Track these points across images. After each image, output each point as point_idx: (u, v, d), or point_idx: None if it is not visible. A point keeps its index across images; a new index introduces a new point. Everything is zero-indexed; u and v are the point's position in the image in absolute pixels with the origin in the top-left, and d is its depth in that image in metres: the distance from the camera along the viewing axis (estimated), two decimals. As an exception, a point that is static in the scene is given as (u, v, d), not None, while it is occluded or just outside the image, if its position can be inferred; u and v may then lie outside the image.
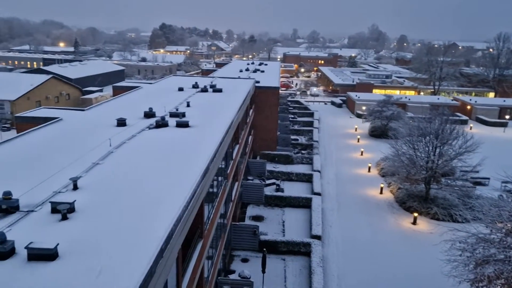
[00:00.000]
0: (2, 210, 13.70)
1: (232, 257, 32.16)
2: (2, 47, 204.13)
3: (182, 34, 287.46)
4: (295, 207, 41.38)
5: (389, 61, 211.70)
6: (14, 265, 10.79)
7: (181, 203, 15.02)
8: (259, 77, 60.39)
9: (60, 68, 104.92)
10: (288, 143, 60.56)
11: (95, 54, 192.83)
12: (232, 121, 29.17)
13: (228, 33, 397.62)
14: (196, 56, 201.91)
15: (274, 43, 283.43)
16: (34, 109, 33.75)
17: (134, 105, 32.98)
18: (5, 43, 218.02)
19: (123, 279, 10.40)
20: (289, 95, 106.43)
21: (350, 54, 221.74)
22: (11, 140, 22.89)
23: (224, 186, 26.80)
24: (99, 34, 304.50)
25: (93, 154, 20.06)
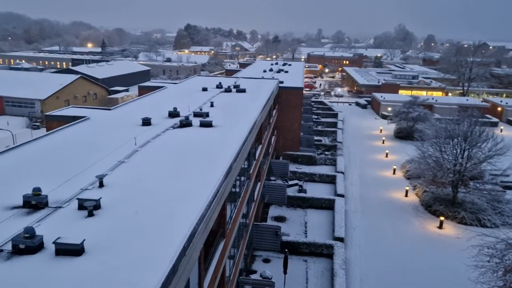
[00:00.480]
0: (32, 206, 14.14)
1: (253, 257, 32.19)
2: (33, 48, 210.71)
3: (206, 35, 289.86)
4: (317, 209, 41.08)
5: (415, 62, 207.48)
6: (42, 260, 11.10)
7: (204, 202, 15.12)
8: (282, 78, 60.25)
9: (88, 68, 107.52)
10: (311, 144, 60.16)
11: (121, 55, 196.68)
12: (255, 121, 29.19)
13: (252, 34, 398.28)
14: (220, 56, 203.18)
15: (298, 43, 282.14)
16: (62, 108, 34.66)
17: (159, 105, 33.44)
18: (36, 44, 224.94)
19: (146, 275, 10.54)
20: (313, 96, 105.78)
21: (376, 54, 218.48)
22: (41, 138, 23.59)
23: (247, 186, 26.84)
24: (126, 35, 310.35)
25: (118, 152, 20.45)
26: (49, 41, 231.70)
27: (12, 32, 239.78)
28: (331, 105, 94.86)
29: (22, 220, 13.23)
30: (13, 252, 11.31)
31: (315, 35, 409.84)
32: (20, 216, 13.55)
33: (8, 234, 12.03)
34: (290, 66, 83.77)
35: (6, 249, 11.41)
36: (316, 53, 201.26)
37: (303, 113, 62.98)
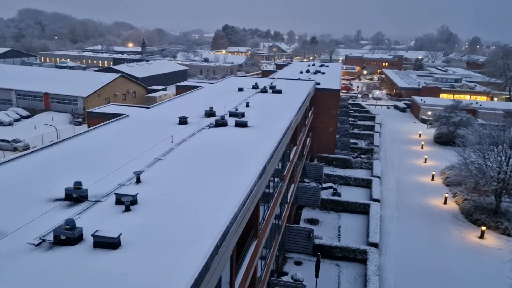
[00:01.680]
0: (73, 199, 14.67)
1: (285, 259, 32.02)
2: (78, 47, 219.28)
3: (244, 35, 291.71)
4: (352, 213, 40.38)
5: (459, 65, 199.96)
6: (81, 251, 11.48)
7: (237, 201, 15.17)
8: (319, 79, 59.68)
9: (128, 68, 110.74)
10: (347, 147, 59.24)
11: (160, 54, 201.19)
12: (291, 123, 29.03)
13: (290, 35, 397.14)
14: (256, 57, 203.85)
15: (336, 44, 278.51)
16: (103, 106, 35.81)
17: (196, 104, 33.91)
18: (80, 43, 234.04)
19: (180, 271, 10.68)
20: (350, 98, 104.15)
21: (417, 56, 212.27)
22: (83, 134, 24.47)
23: (280, 188, 26.74)
24: (165, 35, 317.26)
25: (155, 150, 20.88)
26: (93, 41, 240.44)
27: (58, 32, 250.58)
28: (368, 107, 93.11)
29: (64, 212, 13.75)
30: (54, 243, 11.77)
31: (354, 37, 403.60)
32: (62, 208, 14.09)
33: (50, 225, 12.52)
34: (327, 67, 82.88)
35: (48, 239, 11.88)
36: (354, 55, 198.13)
37: (339, 116, 62.14)
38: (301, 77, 60.93)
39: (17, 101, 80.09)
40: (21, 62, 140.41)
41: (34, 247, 11.57)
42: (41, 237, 11.96)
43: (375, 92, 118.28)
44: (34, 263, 10.83)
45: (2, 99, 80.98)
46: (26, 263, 10.82)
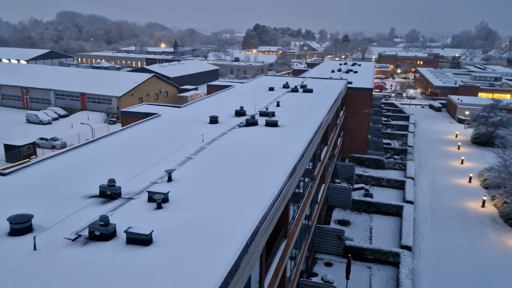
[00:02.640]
0: (107, 196, 15.05)
1: (315, 260, 31.73)
2: (112, 48, 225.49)
3: (275, 35, 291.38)
4: (384, 214, 39.54)
5: (499, 62, 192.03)
6: (114, 247, 11.75)
7: (267, 201, 15.13)
8: (351, 78, 58.78)
9: (160, 68, 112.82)
10: (380, 147, 58.04)
11: (192, 54, 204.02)
12: (322, 122, 28.72)
13: (321, 33, 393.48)
14: (287, 56, 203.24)
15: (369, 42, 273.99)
16: (136, 105, 36.60)
17: (226, 104, 34.11)
18: (115, 44, 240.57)
19: (209, 269, 10.76)
20: (383, 97, 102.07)
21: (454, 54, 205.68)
22: (116, 133, 25.10)
23: (311, 188, 26.50)
24: (197, 35, 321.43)
25: (186, 148, 21.14)
26: (127, 42, 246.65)
27: (94, 33, 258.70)
28: (402, 107, 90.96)
29: (98, 208, 14.13)
30: (89, 238, 12.11)
31: (387, 34, 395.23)
32: (96, 204, 14.48)
33: (86, 221, 12.89)
34: (359, 66, 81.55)
35: (84, 235, 12.23)
36: (387, 53, 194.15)
37: (371, 115, 61.00)
38: (332, 76, 60.22)
39: (56, 100, 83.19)
40: (59, 63, 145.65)
41: (70, 242, 11.95)
42: (77, 233, 12.33)
43: (409, 91, 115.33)
44: (70, 257, 11.17)
45: (41, 99, 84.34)
46: (63, 257, 11.17)
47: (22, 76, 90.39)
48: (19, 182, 16.69)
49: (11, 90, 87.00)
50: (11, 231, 12.34)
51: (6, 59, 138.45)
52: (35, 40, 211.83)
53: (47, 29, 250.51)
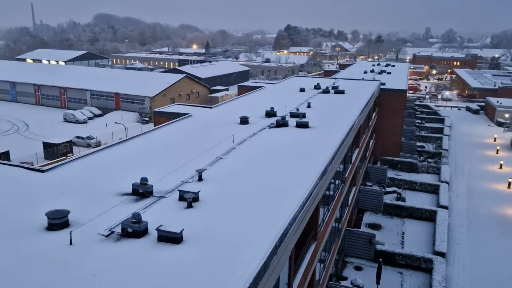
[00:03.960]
0: (139, 194, 15.36)
1: (344, 263, 31.27)
2: (146, 49, 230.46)
3: (306, 35, 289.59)
4: (417, 219, 38.49)
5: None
6: (146, 244, 11.97)
7: (297, 202, 15.03)
8: (384, 79, 57.65)
9: (192, 68, 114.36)
10: (413, 150, 56.59)
11: (223, 55, 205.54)
12: (353, 124, 28.28)
13: (354, 34, 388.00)
14: (319, 57, 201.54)
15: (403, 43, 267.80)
16: (168, 105, 37.22)
17: (257, 104, 34.16)
18: (148, 46, 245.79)
19: (239, 269, 10.79)
20: (417, 99, 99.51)
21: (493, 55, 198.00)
22: (149, 132, 25.62)
23: (341, 190, 26.14)
24: (228, 36, 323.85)
25: (217, 149, 21.30)
26: (160, 43, 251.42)
27: (129, 35, 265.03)
28: (437, 109, 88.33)
29: (131, 206, 14.44)
30: (122, 235, 12.39)
31: (422, 35, 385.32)
32: (129, 202, 14.80)
33: (119, 218, 13.20)
34: (393, 67, 79.87)
35: (117, 231, 12.52)
36: (422, 54, 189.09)
37: (405, 117, 59.64)
38: (365, 77, 59.25)
39: (91, 100, 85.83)
40: (95, 64, 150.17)
41: (104, 237, 12.26)
42: (110, 229, 12.64)
43: (444, 92, 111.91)
44: (104, 253, 11.47)
45: (78, 99, 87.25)
46: (97, 252, 11.48)
47: (60, 76, 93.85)
48: (57, 178, 17.29)
49: (50, 90, 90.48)
50: (48, 226, 12.79)
51: (46, 60, 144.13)
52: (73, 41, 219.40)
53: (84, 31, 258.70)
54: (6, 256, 11.23)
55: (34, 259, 11.08)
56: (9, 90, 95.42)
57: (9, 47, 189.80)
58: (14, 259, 11.05)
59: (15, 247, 11.72)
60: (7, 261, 10.98)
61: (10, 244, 11.90)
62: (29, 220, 13.31)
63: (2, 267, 10.70)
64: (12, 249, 11.58)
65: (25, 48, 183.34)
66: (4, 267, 10.70)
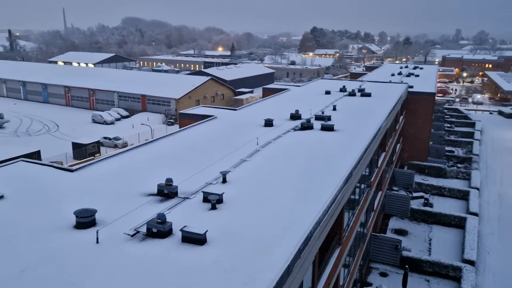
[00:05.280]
0: (164, 195, 15.50)
1: (369, 269, 30.71)
2: (172, 52, 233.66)
3: (332, 37, 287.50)
4: (445, 226, 37.47)
5: None
6: (170, 244, 12.06)
7: (321, 206, 14.84)
8: (412, 82, 56.46)
9: (217, 71, 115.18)
10: (442, 155, 55.17)
11: (248, 58, 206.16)
12: (380, 127, 27.78)
13: (381, 35, 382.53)
14: (345, 59, 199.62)
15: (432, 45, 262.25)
16: (194, 107, 37.51)
17: (281, 107, 34.03)
18: (174, 48, 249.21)
19: (262, 272, 10.71)
20: (446, 102, 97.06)
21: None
22: (174, 134, 25.88)
23: (367, 194, 25.70)
24: (253, 38, 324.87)
25: (241, 151, 21.30)
26: (186, 46, 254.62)
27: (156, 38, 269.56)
28: (467, 113, 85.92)
29: (155, 206, 14.58)
30: (147, 235, 12.51)
31: (452, 36, 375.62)
32: (154, 203, 14.95)
33: (144, 218, 13.34)
34: (421, 69, 78.18)
35: (142, 231, 12.66)
36: (452, 56, 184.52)
37: (433, 121, 58.25)
38: (392, 79, 58.22)
39: (119, 102, 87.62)
40: (123, 66, 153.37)
41: (129, 237, 12.42)
42: (135, 229, 12.80)
43: (475, 96, 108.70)
44: (129, 252, 11.61)
45: (106, 100, 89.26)
46: (123, 251, 11.64)
47: (89, 78, 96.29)
48: (85, 178, 17.67)
49: (79, 91, 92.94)
50: (76, 224, 13.06)
51: (76, 63, 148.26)
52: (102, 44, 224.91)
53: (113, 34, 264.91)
54: (36, 252, 11.53)
55: (62, 256, 11.32)
56: (41, 91, 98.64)
57: (41, 50, 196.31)
58: (43, 256, 11.33)
59: (44, 244, 12.02)
60: (36, 257, 11.27)
61: (40, 241, 12.21)
62: (58, 218, 13.63)
63: (32, 263, 10.98)
64: (41, 246, 11.88)
65: (57, 51, 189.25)
66: (33, 263, 10.98)
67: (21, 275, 10.48)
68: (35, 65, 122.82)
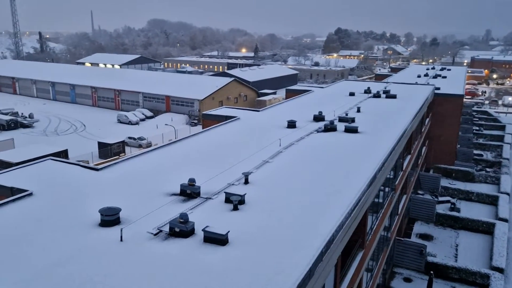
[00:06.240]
0: (187, 195, 15.61)
1: (393, 274, 30.13)
2: (196, 53, 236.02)
3: (357, 38, 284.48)
4: (472, 231, 36.41)
5: None
6: (192, 244, 12.12)
7: (344, 209, 14.64)
8: (439, 83, 55.19)
9: (240, 72, 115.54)
10: (470, 158, 53.69)
11: (272, 59, 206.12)
12: (405, 130, 27.25)
13: (407, 36, 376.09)
14: (370, 60, 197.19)
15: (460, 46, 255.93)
16: (217, 108, 37.70)
17: (305, 108, 33.84)
18: (198, 50, 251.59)
19: (283, 274, 10.65)
20: (475, 105, 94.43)
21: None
22: (198, 134, 26.08)
23: (391, 198, 25.23)
24: (277, 40, 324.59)
25: (263, 152, 21.27)
26: (210, 47, 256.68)
27: (180, 39, 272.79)
28: (497, 115, 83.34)
29: (178, 206, 14.70)
30: (169, 234, 12.63)
31: (482, 37, 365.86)
32: (177, 202, 15.08)
33: (167, 217, 13.47)
34: (449, 71, 76.38)
35: (165, 230, 12.78)
36: (482, 57, 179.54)
37: (461, 124, 56.75)
38: (418, 81, 57.08)
39: (143, 102, 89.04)
40: (148, 67, 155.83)
41: (152, 236, 12.56)
42: (158, 228, 12.93)
43: (506, 98, 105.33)
44: (152, 250, 11.73)
45: (131, 101, 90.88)
46: (145, 250, 11.77)
47: (115, 79, 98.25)
48: (110, 177, 17.99)
49: (105, 92, 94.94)
50: (101, 222, 13.30)
51: (103, 64, 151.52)
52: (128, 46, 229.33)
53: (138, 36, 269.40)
54: (62, 249, 11.79)
55: (86, 253, 11.55)
56: (69, 92, 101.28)
57: (70, 52, 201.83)
58: (69, 252, 11.58)
59: (70, 240, 12.28)
60: (62, 253, 11.53)
61: (66, 237, 12.49)
62: (84, 216, 13.91)
63: (57, 259, 11.23)
64: (67, 243, 12.14)
65: (84, 52, 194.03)
66: (59, 259, 11.23)
67: (48, 270, 10.73)
68: (63, 66, 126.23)
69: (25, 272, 10.68)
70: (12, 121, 71.92)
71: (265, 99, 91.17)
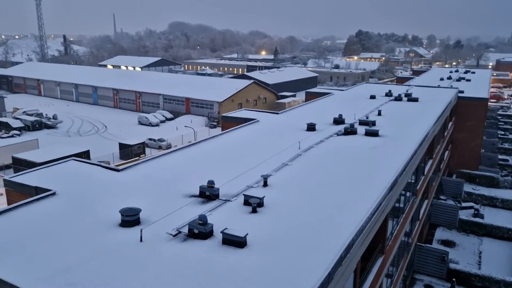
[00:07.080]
0: (206, 196, 15.67)
1: (414, 281, 29.57)
2: (216, 56, 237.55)
3: (378, 41, 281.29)
4: (497, 238, 35.45)
5: None
6: (211, 246, 12.15)
7: (364, 213, 14.44)
8: (463, 87, 54.02)
9: (260, 74, 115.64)
10: (494, 163, 52.34)
11: (291, 61, 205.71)
12: (427, 134, 26.75)
13: (430, 39, 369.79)
14: (391, 63, 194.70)
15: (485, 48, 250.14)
16: (236, 110, 37.77)
17: (324, 111, 33.60)
18: (218, 52, 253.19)
19: (302, 278, 10.57)
20: (500, 108, 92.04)
21: None
22: (217, 136, 26.17)
23: (412, 203, 24.79)
24: (297, 42, 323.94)
25: (283, 155, 21.18)
26: (229, 49, 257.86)
27: (200, 42, 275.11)
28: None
29: (197, 208, 14.76)
30: (188, 235, 12.68)
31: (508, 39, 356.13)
32: (196, 204, 15.15)
33: (186, 219, 13.54)
34: (473, 74, 74.72)
35: (184, 231, 12.84)
36: (508, 60, 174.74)
37: (486, 128, 55.38)
38: (441, 84, 55.99)
39: (164, 104, 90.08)
40: (168, 70, 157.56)
41: (171, 237, 12.63)
42: (178, 229, 13.01)
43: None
44: (171, 251, 11.81)
45: (152, 103, 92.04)
46: (165, 250, 11.85)
47: (136, 81, 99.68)
48: (130, 178, 18.21)
49: (127, 94, 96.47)
50: (122, 223, 13.46)
51: (124, 66, 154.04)
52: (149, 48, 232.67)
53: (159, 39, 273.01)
54: (82, 248, 11.97)
55: (107, 253, 11.69)
56: (92, 93, 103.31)
57: (92, 54, 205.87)
58: (89, 252, 11.75)
59: (91, 240, 12.46)
60: (83, 253, 11.70)
61: (87, 237, 12.68)
62: (104, 216, 14.10)
63: (78, 259, 11.41)
64: (88, 243, 12.32)
65: (107, 54, 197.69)
66: (80, 259, 11.40)
67: (69, 269, 10.91)
68: (86, 68, 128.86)
69: (46, 270, 10.87)
70: (36, 122, 73.81)
71: (285, 101, 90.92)
